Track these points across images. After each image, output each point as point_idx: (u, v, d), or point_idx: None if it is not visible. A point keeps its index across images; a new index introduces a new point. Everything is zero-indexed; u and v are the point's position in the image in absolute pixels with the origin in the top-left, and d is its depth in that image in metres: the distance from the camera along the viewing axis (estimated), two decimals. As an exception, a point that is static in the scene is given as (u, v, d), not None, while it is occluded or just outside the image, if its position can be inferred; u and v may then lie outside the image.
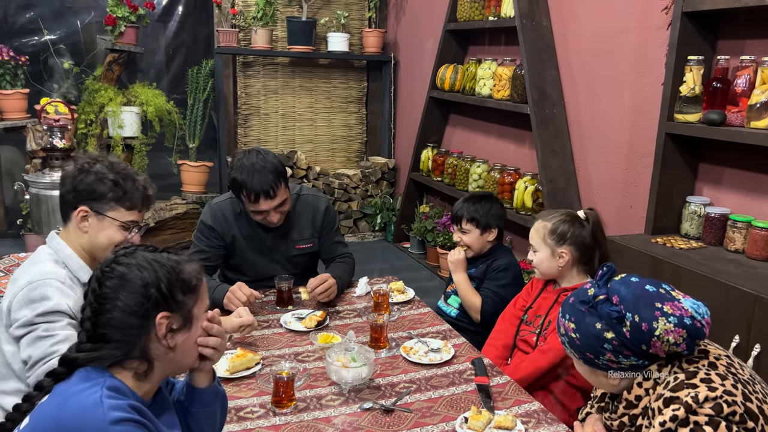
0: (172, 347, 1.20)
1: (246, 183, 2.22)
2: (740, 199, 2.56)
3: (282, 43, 5.42)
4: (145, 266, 1.19)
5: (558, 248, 2.05)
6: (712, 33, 2.57)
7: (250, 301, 2.15)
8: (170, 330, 1.19)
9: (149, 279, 1.18)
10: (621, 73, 3.14)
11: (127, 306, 1.16)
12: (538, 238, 2.09)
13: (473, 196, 2.58)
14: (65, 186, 1.70)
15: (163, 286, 1.18)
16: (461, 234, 2.51)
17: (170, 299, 1.19)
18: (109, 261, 1.21)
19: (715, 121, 2.37)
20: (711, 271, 2.18)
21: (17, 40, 4.92)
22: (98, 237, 1.70)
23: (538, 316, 2.10)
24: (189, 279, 1.22)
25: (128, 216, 1.73)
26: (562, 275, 2.09)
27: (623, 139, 3.15)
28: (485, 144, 4.43)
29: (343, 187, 5.50)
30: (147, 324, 1.17)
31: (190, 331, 1.24)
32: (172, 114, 4.98)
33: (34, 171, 4.32)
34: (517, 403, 1.70)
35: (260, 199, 2.22)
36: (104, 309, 1.16)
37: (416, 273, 4.67)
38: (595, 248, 2.05)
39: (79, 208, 1.68)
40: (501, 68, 3.87)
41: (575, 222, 2.06)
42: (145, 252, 1.23)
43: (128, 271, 1.18)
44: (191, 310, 1.23)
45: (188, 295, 1.22)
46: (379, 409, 1.64)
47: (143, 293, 1.17)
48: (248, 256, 2.44)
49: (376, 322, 1.99)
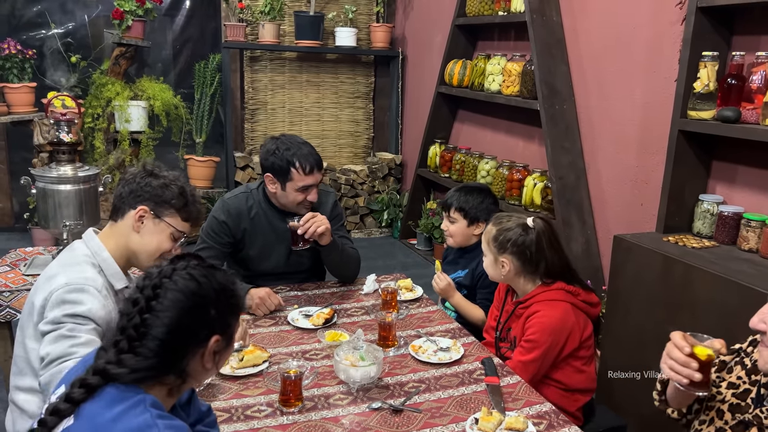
0: (209, 368, 1.18)
1: (299, 156, 2.29)
2: (754, 198, 2.52)
3: (289, 37, 5.40)
4: (206, 284, 1.15)
5: (499, 256, 1.98)
6: (727, 29, 2.53)
7: (277, 308, 2.21)
8: (215, 352, 1.17)
9: (211, 300, 1.15)
10: (633, 68, 3.10)
11: (184, 323, 1.12)
12: (484, 241, 2.04)
13: (467, 186, 2.51)
14: (129, 185, 1.70)
15: (221, 307, 1.16)
16: (448, 222, 2.46)
17: (225, 321, 1.18)
18: (168, 271, 1.15)
19: (729, 118, 2.33)
20: (724, 271, 2.15)
21: (25, 34, 4.92)
22: (149, 240, 1.71)
23: (509, 330, 2.05)
24: (239, 302, 1.22)
25: (182, 226, 1.75)
26: (511, 283, 2.04)
27: (634, 135, 3.11)
28: (494, 140, 4.40)
29: (350, 183, 5.48)
30: (201, 344, 1.14)
31: (227, 351, 1.22)
32: (179, 108, 4.96)
33: (41, 165, 4.32)
34: (528, 404, 1.67)
35: (314, 170, 2.30)
36: (158, 322, 1.10)
37: (423, 270, 4.64)
38: (540, 259, 1.96)
39: (139, 207, 1.69)
40: (510, 64, 3.84)
41: (520, 230, 1.97)
42: (201, 268, 1.18)
43: (193, 287, 1.13)
44: (233, 332, 1.23)
45: (235, 316, 1.22)
46: (387, 408, 1.62)
47: (205, 314, 1.14)
48: (256, 250, 2.44)
49: (384, 320, 1.97)
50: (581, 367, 1.97)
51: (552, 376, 1.95)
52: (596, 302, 2.03)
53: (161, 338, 1.10)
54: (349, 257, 2.48)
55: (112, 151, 4.80)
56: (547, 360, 1.90)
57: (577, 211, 3.40)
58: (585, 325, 1.97)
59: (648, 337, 2.42)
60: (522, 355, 1.91)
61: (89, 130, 4.67)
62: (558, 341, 1.90)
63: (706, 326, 2.16)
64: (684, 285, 2.26)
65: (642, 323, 2.46)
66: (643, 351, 2.43)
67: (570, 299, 1.95)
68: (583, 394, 2.00)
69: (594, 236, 3.40)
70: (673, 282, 2.30)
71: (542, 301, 1.95)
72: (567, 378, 1.95)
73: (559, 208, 3.37)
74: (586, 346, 1.97)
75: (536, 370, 1.90)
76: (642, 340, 2.45)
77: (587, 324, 1.98)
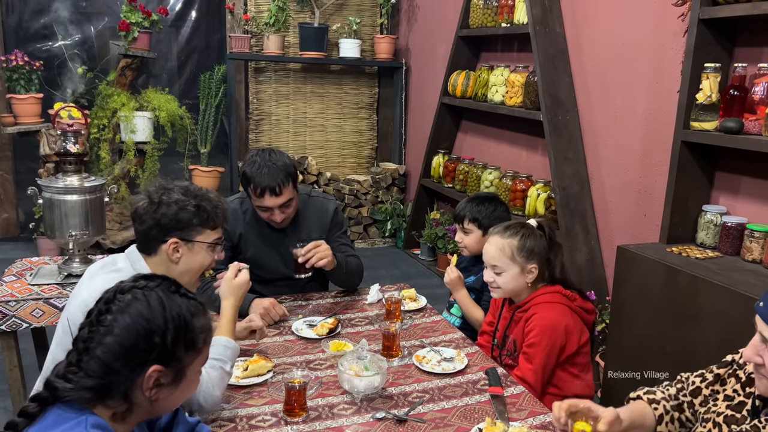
0: (153, 400, 1.10)
1: (254, 177, 2.25)
2: (758, 209, 2.52)
3: (294, 49, 5.43)
4: (158, 309, 1.09)
5: (528, 264, 1.98)
6: (729, 40, 2.55)
7: (282, 317, 2.21)
8: (157, 384, 1.10)
9: (157, 326, 1.08)
10: (635, 80, 3.12)
11: (123, 345, 1.06)
12: (504, 257, 1.98)
13: (478, 196, 2.52)
14: (145, 222, 1.67)
15: (169, 338, 1.09)
16: (463, 234, 2.48)
17: (170, 353, 1.09)
18: (126, 287, 1.11)
19: (732, 129, 2.34)
20: (728, 281, 2.14)
21: (32, 46, 4.97)
22: (191, 264, 1.72)
23: (506, 337, 2.06)
24: (196, 338, 1.14)
25: (214, 236, 1.75)
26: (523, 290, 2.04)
27: (637, 146, 3.12)
28: (497, 151, 4.41)
29: (354, 193, 5.49)
30: (138, 371, 1.07)
31: (177, 388, 1.14)
32: (184, 119, 5.00)
33: (47, 175, 4.35)
34: (532, 414, 1.67)
35: (265, 195, 2.25)
36: (99, 337, 1.06)
37: (427, 280, 4.64)
38: (556, 257, 2.01)
39: (169, 241, 1.67)
40: (513, 75, 3.86)
41: (535, 234, 1.99)
42: (165, 291, 1.12)
43: (139, 307, 1.08)
44: (186, 368, 1.14)
45: (189, 353, 1.13)
46: (391, 418, 1.62)
47: (146, 339, 1.07)
48: (253, 254, 2.45)
49: (388, 330, 1.97)
50: (578, 373, 1.98)
51: (549, 381, 1.96)
52: (591, 309, 2.05)
53: (101, 357, 1.05)
54: (353, 272, 2.48)
55: (118, 161, 4.83)
56: (551, 361, 1.92)
57: (580, 221, 3.41)
58: (582, 331, 1.99)
59: (652, 347, 2.42)
60: (528, 363, 1.92)
61: (95, 141, 4.71)
62: (557, 340, 1.91)
63: (710, 337, 2.16)
64: (688, 295, 2.25)
65: (646, 334, 2.46)
66: (647, 361, 2.43)
67: (567, 303, 1.98)
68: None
69: (598, 246, 3.40)
70: (676, 292, 2.30)
71: (540, 303, 1.97)
72: (563, 383, 1.96)
73: (563, 218, 3.37)
74: (583, 352, 1.99)
75: (542, 372, 1.91)
76: (646, 351, 2.45)
77: (584, 330, 2.00)
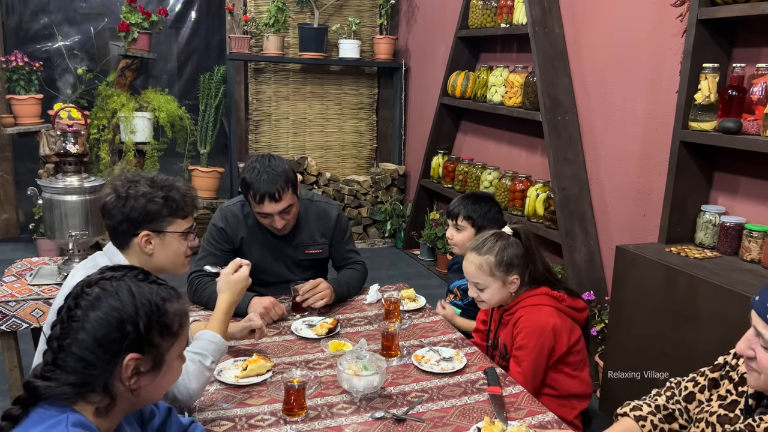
0: (133, 390, 1.10)
1: (253, 183, 2.25)
2: (756, 209, 2.53)
3: (293, 49, 5.44)
4: (127, 298, 1.08)
5: (509, 276, 1.97)
6: (728, 41, 2.55)
7: (281, 317, 2.22)
8: (136, 373, 1.09)
9: (128, 314, 1.07)
10: (634, 80, 3.12)
11: (96, 337, 1.05)
12: (484, 274, 1.97)
13: (474, 194, 2.52)
14: (114, 217, 1.67)
15: (142, 324, 1.08)
16: (455, 231, 2.47)
17: (145, 340, 1.09)
18: (93, 280, 1.11)
19: (730, 130, 2.35)
20: (727, 281, 2.15)
21: (31, 46, 4.97)
22: (165, 254, 1.73)
23: (498, 338, 2.07)
24: (171, 322, 1.13)
25: (185, 224, 1.76)
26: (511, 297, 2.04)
27: (637, 147, 3.12)
28: (496, 151, 4.41)
29: (353, 194, 5.50)
30: (114, 361, 1.07)
31: (158, 375, 1.14)
32: (183, 120, 5.00)
33: (46, 176, 4.35)
34: (530, 413, 1.67)
35: (264, 201, 2.24)
36: (71, 334, 1.05)
37: (426, 280, 4.65)
38: (535, 260, 1.99)
39: (140, 234, 1.68)
40: (513, 75, 3.86)
41: (511, 244, 1.98)
42: (133, 280, 1.12)
43: (108, 299, 1.07)
44: (164, 354, 1.13)
45: (165, 338, 1.12)
46: (390, 418, 1.63)
47: (118, 328, 1.06)
48: (255, 258, 2.44)
49: (387, 330, 1.97)
50: (572, 372, 1.98)
51: (544, 382, 1.96)
52: (582, 307, 2.05)
53: (75, 352, 1.05)
54: (355, 288, 2.49)
55: (118, 162, 4.83)
56: (541, 363, 1.92)
57: (579, 222, 3.41)
58: (572, 330, 1.99)
59: (651, 347, 2.42)
60: (517, 366, 1.92)
61: (95, 141, 4.71)
62: (545, 342, 1.91)
63: (709, 336, 2.16)
64: (687, 295, 2.26)
65: (645, 333, 2.46)
66: (646, 361, 2.43)
67: (554, 304, 1.97)
68: (579, 400, 2.00)
69: (597, 247, 3.41)
70: (676, 292, 2.31)
71: (526, 306, 1.97)
72: (558, 384, 1.97)
73: (562, 218, 3.38)
74: (575, 351, 1.99)
75: (533, 375, 1.91)
76: (645, 351, 2.45)
77: (574, 328, 2.00)
